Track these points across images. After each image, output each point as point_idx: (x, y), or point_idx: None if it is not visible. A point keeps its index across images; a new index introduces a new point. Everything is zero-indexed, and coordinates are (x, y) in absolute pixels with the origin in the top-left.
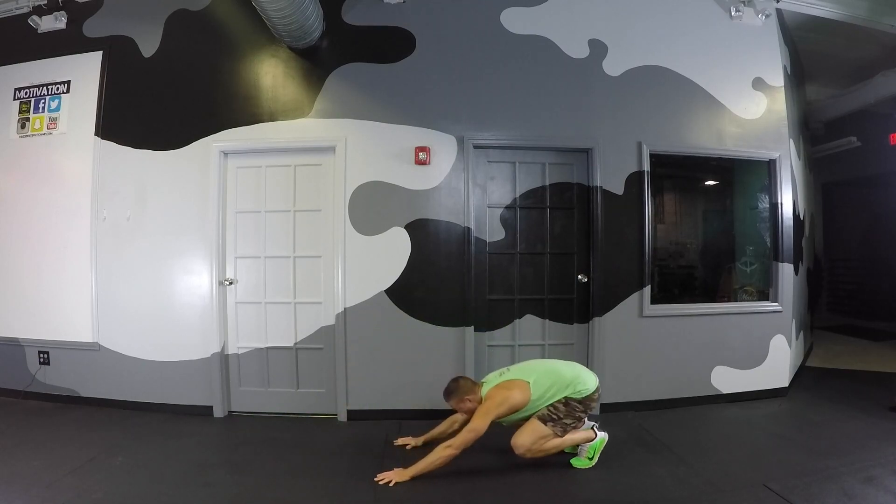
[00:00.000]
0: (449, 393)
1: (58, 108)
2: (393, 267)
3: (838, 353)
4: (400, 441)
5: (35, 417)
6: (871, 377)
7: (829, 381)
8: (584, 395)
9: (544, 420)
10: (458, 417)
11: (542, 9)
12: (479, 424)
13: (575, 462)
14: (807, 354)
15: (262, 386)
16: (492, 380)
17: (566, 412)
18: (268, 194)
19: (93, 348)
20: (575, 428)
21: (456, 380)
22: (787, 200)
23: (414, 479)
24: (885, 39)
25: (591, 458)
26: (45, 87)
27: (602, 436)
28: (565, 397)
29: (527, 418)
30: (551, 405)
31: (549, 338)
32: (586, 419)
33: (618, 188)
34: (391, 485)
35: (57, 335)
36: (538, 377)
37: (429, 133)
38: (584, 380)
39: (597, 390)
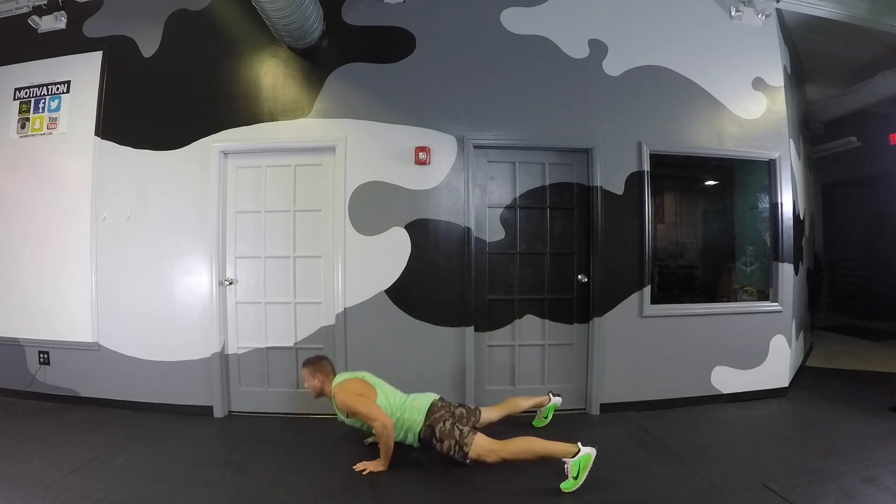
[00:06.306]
0: (310, 363)
1: (58, 108)
2: (393, 267)
3: (838, 353)
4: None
5: (35, 417)
6: (871, 377)
7: (829, 381)
8: (419, 424)
9: (440, 439)
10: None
11: (542, 9)
12: (363, 410)
13: (563, 485)
14: (807, 354)
15: (262, 386)
16: (342, 375)
17: (441, 429)
18: (268, 194)
19: (93, 348)
20: (468, 431)
21: (322, 357)
22: (787, 200)
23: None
24: (885, 39)
25: (576, 478)
26: (45, 87)
27: (587, 451)
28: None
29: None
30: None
31: (549, 338)
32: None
33: (618, 188)
34: (365, 472)
35: (57, 335)
36: (381, 386)
37: (429, 133)
38: (410, 413)
39: (431, 408)
